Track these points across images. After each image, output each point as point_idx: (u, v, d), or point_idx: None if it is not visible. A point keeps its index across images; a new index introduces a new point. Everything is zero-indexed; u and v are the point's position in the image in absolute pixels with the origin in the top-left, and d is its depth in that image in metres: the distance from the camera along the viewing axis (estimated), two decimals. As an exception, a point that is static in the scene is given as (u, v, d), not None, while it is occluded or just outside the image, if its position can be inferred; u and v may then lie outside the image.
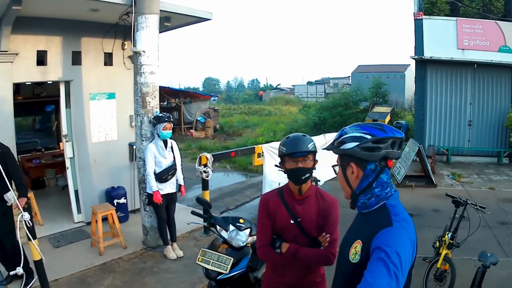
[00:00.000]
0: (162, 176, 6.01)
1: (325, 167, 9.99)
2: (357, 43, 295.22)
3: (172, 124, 6.10)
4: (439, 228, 6.24)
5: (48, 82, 7.78)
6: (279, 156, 2.84)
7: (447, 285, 4.73)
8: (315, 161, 2.83)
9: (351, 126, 1.98)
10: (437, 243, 5.36)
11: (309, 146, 2.75)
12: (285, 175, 2.86)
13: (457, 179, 11.42)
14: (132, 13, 6.03)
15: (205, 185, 7.26)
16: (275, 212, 2.82)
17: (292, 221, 2.79)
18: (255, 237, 4.26)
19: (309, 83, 58.56)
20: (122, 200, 7.62)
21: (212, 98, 48.68)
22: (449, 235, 5.14)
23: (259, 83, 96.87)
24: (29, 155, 10.07)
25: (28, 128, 12.49)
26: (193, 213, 4.36)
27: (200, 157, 7.10)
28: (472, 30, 13.62)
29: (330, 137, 10.49)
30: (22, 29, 6.36)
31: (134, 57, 6.23)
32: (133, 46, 6.12)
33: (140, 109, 6.30)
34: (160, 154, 6.01)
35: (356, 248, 1.80)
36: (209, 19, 7.67)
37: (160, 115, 6.11)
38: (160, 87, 22.36)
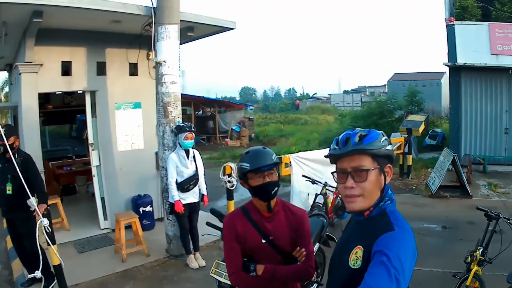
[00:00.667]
0: (184, 186, 6.04)
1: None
2: (393, 51, 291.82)
3: (193, 134, 6.13)
4: (473, 241, 5.90)
5: (78, 92, 7.95)
6: (240, 174, 2.63)
7: None
8: (279, 174, 2.68)
9: (367, 130, 1.87)
10: (469, 258, 4.94)
11: (273, 158, 2.62)
12: (254, 192, 2.61)
13: (494, 189, 10.95)
14: (153, 23, 6.13)
15: (230, 195, 7.23)
16: (244, 234, 2.60)
17: (264, 241, 2.60)
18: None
19: (346, 92, 58.24)
20: (148, 208, 7.71)
21: (249, 108, 49.02)
22: (480, 250, 4.79)
23: (296, 92, 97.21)
24: (60, 162, 10.35)
25: (65, 136, 12.90)
26: (208, 224, 4.38)
27: (225, 167, 7.09)
28: (505, 34, 13.15)
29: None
30: (46, 40, 6.59)
31: (156, 67, 6.32)
32: (154, 57, 6.21)
33: (162, 119, 6.36)
34: (181, 164, 6.04)
35: (357, 254, 1.75)
36: (233, 29, 7.70)
37: (182, 125, 6.14)
38: (195, 96, 22.72)
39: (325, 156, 2.03)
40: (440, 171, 10.63)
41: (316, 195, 7.54)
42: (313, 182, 7.36)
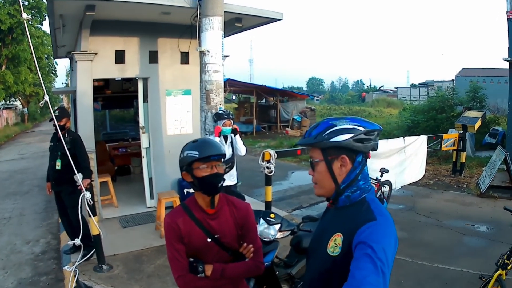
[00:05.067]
0: None
1: (402, 170, 9.76)
2: (463, 46, 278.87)
3: (231, 121, 6.33)
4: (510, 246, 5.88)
5: (135, 78, 8.45)
6: (185, 164, 2.42)
7: None
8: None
9: (334, 118, 1.89)
10: (500, 261, 4.73)
11: (222, 149, 2.50)
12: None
13: (548, 192, 10.51)
14: (198, 15, 6.46)
15: (268, 180, 7.48)
16: (188, 234, 2.42)
17: (209, 240, 2.45)
18: (286, 232, 4.47)
19: (413, 85, 56.57)
20: (192, 190, 8.06)
21: (316, 98, 48.76)
22: (507, 253, 4.64)
23: (363, 84, 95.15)
24: (117, 144, 10.99)
25: (130, 120, 13.62)
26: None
27: (264, 153, 7.33)
28: None
29: (410, 140, 10.26)
30: (101, 31, 7.13)
31: (200, 56, 6.63)
32: (199, 46, 6.54)
33: (205, 105, 6.68)
34: None
35: (336, 241, 1.76)
36: (280, 19, 7.84)
37: (220, 112, 6.37)
38: (257, 85, 23.06)
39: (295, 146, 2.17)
40: (492, 170, 10.32)
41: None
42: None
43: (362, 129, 1.80)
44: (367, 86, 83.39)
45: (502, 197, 9.85)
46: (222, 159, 2.47)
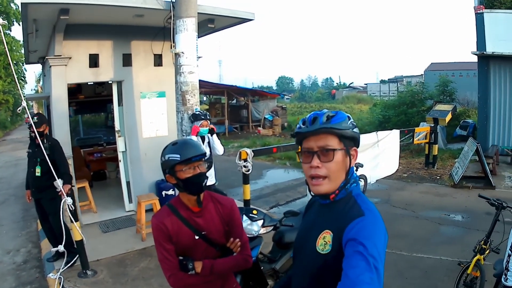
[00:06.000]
0: None
1: (376, 164, 9.95)
2: (431, 41, 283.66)
3: (208, 122, 6.39)
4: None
5: (109, 82, 8.39)
6: (167, 168, 2.45)
7: None
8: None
9: (335, 111, 1.83)
10: (477, 248, 4.90)
11: (201, 148, 2.52)
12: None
13: (519, 181, 10.83)
14: (171, 17, 6.47)
15: (246, 179, 7.54)
16: (176, 233, 2.46)
17: (197, 237, 2.50)
18: (268, 228, 4.53)
19: (382, 81, 57.15)
20: (170, 192, 8.08)
21: (285, 97, 48.84)
22: (483, 239, 4.81)
23: (333, 81, 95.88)
24: (91, 149, 10.90)
25: (101, 125, 13.51)
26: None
27: (240, 152, 7.37)
28: (536, 22, 12.84)
29: (382, 135, 10.45)
30: (74, 35, 7.07)
31: (174, 58, 6.64)
32: (173, 48, 6.55)
33: (181, 106, 6.70)
34: None
35: (325, 239, 1.73)
36: (251, 19, 7.90)
37: (197, 113, 6.42)
38: (228, 86, 22.99)
39: (291, 135, 2.08)
40: (464, 161, 10.59)
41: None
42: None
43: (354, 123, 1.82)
44: (336, 83, 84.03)
45: (476, 187, 10.13)
46: (203, 158, 2.51)
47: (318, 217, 1.87)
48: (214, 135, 6.53)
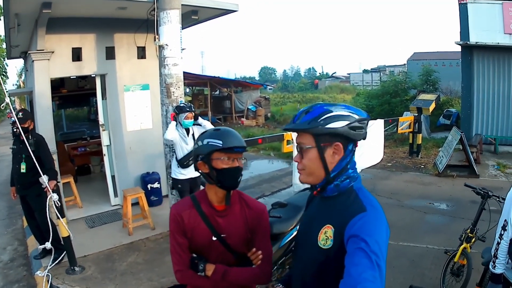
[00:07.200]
0: (184, 162, 6.30)
1: (361, 154, 10.03)
2: (414, 30, 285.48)
3: (193, 114, 6.34)
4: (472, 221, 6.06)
5: (92, 76, 8.27)
6: (203, 153, 2.19)
7: (463, 281, 4.54)
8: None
9: (329, 104, 1.80)
10: (463, 236, 4.96)
11: (243, 141, 2.25)
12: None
13: (502, 169, 10.97)
14: (155, 9, 6.40)
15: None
16: (192, 229, 2.25)
17: (214, 238, 2.27)
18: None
19: (365, 71, 57.46)
20: (156, 185, 8.08)
21: (269, 87, 48.83)
22: (469, 228, 4.86)
23: (316, 71, 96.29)
24: (75, 143, 10.79)
25: (84, 119, 13.36)
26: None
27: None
28: (519, 13, 13.00)
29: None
30: (57, 29, 6.97)
31: (158, 50, 6.58)
32: (157, 40, 6.49)
33: (165, 99, 6.64)
34: (182, 140, 6.34)
35: (326, 233, 1.71)
36: (235, 11, 7.85)
37: (182, 105, 6.37)
38: (211, 77, 22.87)
39: (283, 130, 2.08)
40: (448, 150, 10.72)
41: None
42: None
43: (356, 116, 1.74)
44: (319, 73, 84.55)
45: (460, 176, 10.29)
46: (243, 153, 2.27)
47: (319, 211, 1.86)
48: (199, 118, 6.49)
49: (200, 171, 2.26)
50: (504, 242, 3.07)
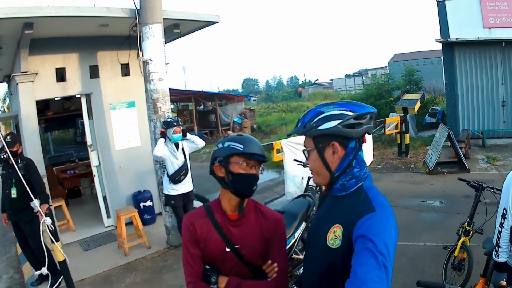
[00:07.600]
0: (175, 177, 6.25)
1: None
2: (393, 32, 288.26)
3: (181, 128, 6.31)
4: (468, 214, 6.04)
5: (76, 96, 8.21)
6: (222, 155, 2.11)
7: (465, 274, 4.53)
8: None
9: (323, 105, 1.83)
10: (460, 230, 4.93)
11: (264, 152, 2.18)
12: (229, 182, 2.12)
13: (492, 162, 11.01)
14: (137, 24, 6.37)
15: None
16: (205, 239, 2.16)
17: (228, 249, 2.16)
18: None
19: (347, 76, 57.72)
20: (148, 203, 7.98)
21: (253, 99, 48.85)
22: (467, 221, 4.82)
23: (298, 79, 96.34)
24: (64, 166, 10.66)
25: (70, 142, 13.24)
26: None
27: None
28: (497, 7, 13.14)
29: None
30: (40, 50, 6.92)
31: (143, 66, 6.54)
32: (141, 56, 6.45)
33: (152, 115, 6.60)
34: (172, 155, 6.28)
35: (335, 233, 1.70)
36: (217, 22, 7.88)
37: (169, 120, 6.34)
38: (194, 91, 22.73)
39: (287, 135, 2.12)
40: (437, 147, 10.74)
41: (309, 178, 7.57)
42: (305, 165, 7.45)
43: (351, 113, 1.73)
44: (302, 81, 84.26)
45: (450, 172, 10.29)
46: (262, 164, 2.18)
47: (329, 211, 1.86)
48: (188, 134, 6.51)
49: (215, 175, 2.18)
50: (505, 230, 3.08)
